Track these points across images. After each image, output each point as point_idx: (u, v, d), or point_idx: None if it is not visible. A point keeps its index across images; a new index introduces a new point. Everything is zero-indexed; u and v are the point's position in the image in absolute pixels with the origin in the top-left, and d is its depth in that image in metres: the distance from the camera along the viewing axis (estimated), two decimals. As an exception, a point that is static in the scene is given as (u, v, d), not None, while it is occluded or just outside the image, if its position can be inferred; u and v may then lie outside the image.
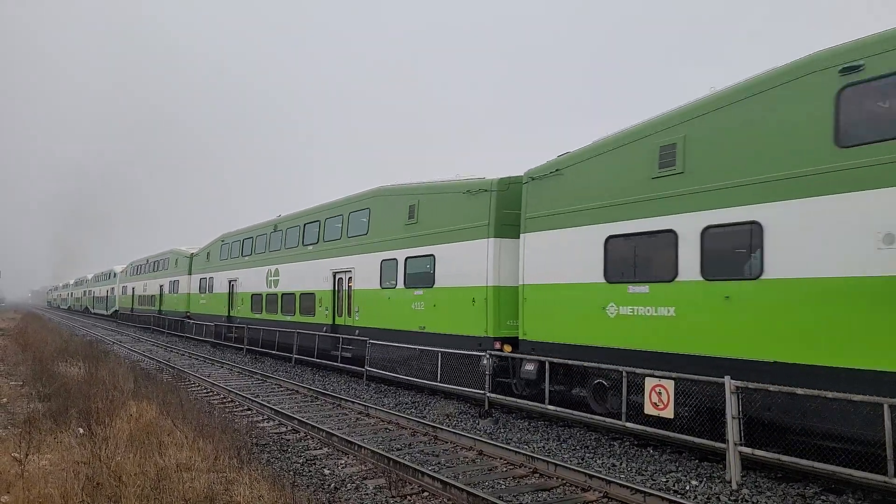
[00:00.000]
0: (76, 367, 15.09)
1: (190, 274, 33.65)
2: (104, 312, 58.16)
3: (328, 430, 10.21)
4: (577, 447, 9.66)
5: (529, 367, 11.42)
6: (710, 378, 8.11)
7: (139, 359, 22.07)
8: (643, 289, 9.73)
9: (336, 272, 18.86)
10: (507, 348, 12.42)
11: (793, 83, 8.17)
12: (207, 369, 20.05)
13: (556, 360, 10.76)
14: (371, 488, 7.54)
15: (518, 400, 11.40)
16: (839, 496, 7.23)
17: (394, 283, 15.96)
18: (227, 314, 27.82)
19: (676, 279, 9.23)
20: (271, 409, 12.41)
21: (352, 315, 18.02)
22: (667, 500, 6.68)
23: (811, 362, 7.62)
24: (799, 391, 7.21)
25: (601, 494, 7.24)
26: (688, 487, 7.58)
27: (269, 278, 23.55)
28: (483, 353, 12.07)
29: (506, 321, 12.65)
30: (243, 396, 14.02)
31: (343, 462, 8.78)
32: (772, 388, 7.49)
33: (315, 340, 19.40)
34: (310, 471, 8.29)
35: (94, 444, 7.40)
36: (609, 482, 7.31)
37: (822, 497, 7.21)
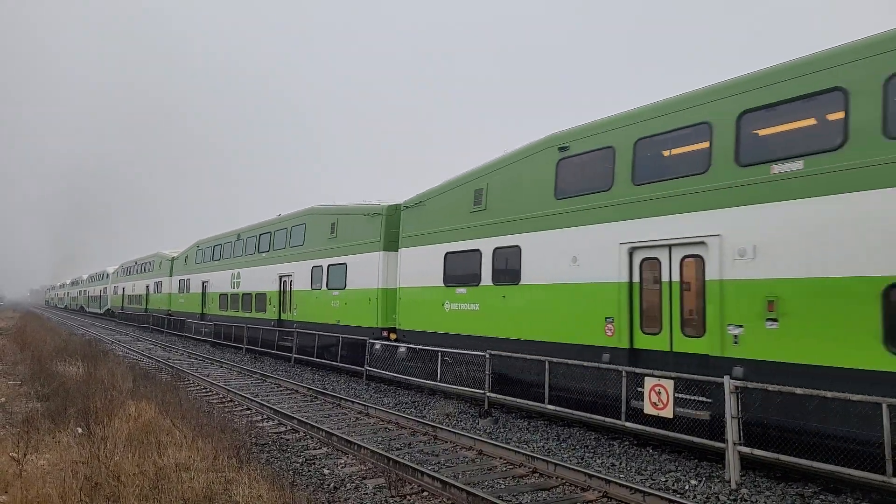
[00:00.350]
0: (75, 367, 15.07)
1: (171, 275, 36.92)
2: (98, 311, 60.70)
3: (327, 429, 10.20)
4: (577, 447, 9.67)
5: (402, 349, 15.17)
6: (710, 378, 8.13)
7: (138, 358, 22.04)
8: (463, 290, 13.74)
9: (281, 276, 22.50)
10: (393, 336, 16.22)
11: (537, 154, 12.13)
12: (207, 369, 20.04)
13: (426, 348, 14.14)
14: (370, 488, 7.53)
15: (517, 399, 11.41)
16: (838, 496, 7.23)
17: (320, 285, 19.79)
18: (200, 312, 31.16)
19: (480, 284, 13.26)
20: (271, 408, 12.40)
21: (291, 311, 21.72)
22: (666, 499, 6.69)
23: (541, 339, 11.58)
24: (798, 391, 7.24)
25: (601, 494, 7.25)
26: (687, 487, 7.58)
27: (233, 280, 27.12)
28: (371, 339, 16.00)
29: (391, 315, 16.50)
30: (242, 396, 14.00)
31: (342, 462, 8.77)
32: (771, 387, 7.50)
33: (267, 333, 23.06)
34: (309, 470, 8.29)
35: (93, 443, 7.40)
36: (608, 482, 7.31)
37: (821, 496, 7.22)
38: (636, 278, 10.03)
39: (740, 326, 8.52)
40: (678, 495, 7.15)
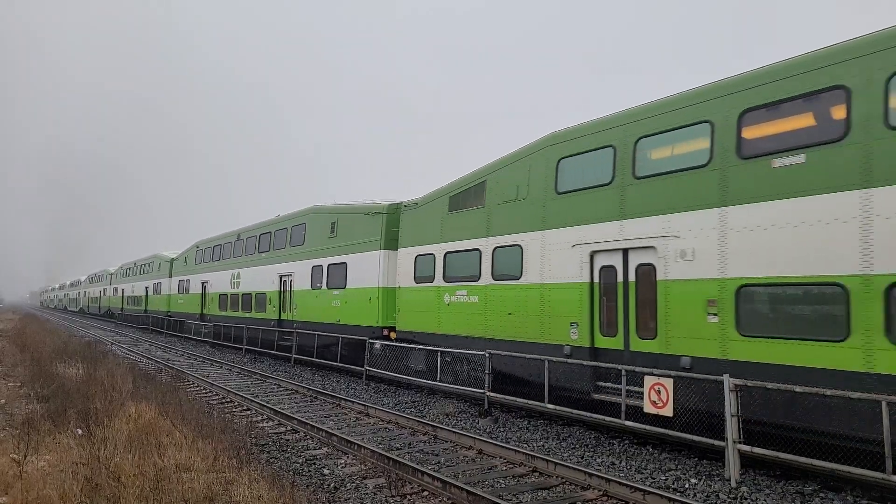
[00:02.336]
0: (75, 368, 15.06)
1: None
2: (97, 312, 61.92)
3: (328, 429, 10.21)
4: (577, 446, 9.67)
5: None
6: (710, 377, 8.15)
7: (138, 359, 22.03)
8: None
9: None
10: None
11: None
12: (206, 369, 20.03)
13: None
14: (371, 488, 7.53)
15: (517, 399, 11.42)
16: (838, 493, 7.25)
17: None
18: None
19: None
20: (271, 409, 12.40)
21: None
22: (666, 498, 6.69)
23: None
24: (798, 389, 7.25)
25: (601, 493, 7.25)
26: (687, 485, 7.59)
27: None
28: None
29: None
30: (242, 396, 14.00)
31: (343, 462, 8.78)
32: (770, 385, 7.52)
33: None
34: (309, 470, 8.29)
35: (93, 444, 7.39)
36: (608, 480, 7.31)
37: (821, 494, 7.23)
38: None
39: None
40: (678, 494, 7.15)
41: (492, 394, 11.94)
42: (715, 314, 8.80)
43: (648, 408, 8.80)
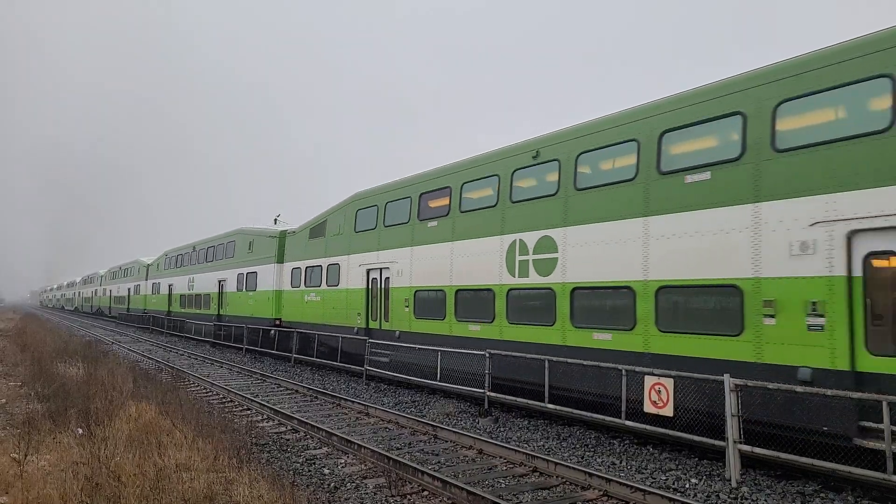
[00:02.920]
0: (75, 368, 15.07)
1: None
2: (90, 310, 69.13)
3: (328, 429, 10.21)
4: (577, 446, 9.67)
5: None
6: (711, 377, 8.15)
7: (138, 359, 22.04)
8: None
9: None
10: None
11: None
12: (206, 369, 20.04)
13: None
14: (371, 487, 7.53)
15: (517, 398, 11.42)
16: (839, 493, 7.24)
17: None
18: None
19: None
20: (271, 408, 12.40)
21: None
22: (667, 498, 6.69)
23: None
24: (798, 389, 7.26)
25: (601, 493, 7.25)
26: (687, 485, 7.59)
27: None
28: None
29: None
30: (242, 396, 14.00)
31: (343, 461, 8.78)
32: (770, 385, 7.51)
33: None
34: (309, 470, 8.29)
35: (94, 444, 7.40)
36: (609, 480, 7.31)
37: (822, 494, 7.22)
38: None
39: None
40: (679, 494, 7.15)
41: (492, 394, 11.94)
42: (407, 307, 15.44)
43: (649, 408, 8.80)
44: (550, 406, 10.54)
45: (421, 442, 9.95)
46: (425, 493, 7.34)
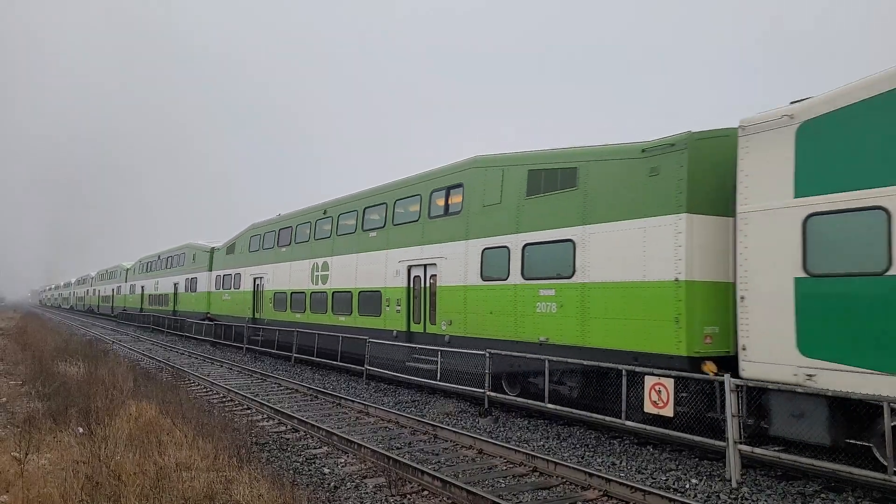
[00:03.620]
0: (76, 367, 15.07)
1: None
2: (82, 308, 77.03)
3: (328, 428, 10.21)
4: (577, 445, 9.67)
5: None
6: (712, 376, 8.15)
7: (139, 358, 22.07)
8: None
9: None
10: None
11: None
12: (207, 368, 20.06)
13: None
14: (371, 487, 7.53)
15: (517, 398, 11.42)
16: (839, 494, 7.23)
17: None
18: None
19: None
20: (271, 408, 12.41)
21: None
22: (666, 498, 6.68)
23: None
24: (799, 389, 7.25)
25: (601, 493, 7.24)
26: (688, 486, 7.58)
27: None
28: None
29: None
30: (243, 395, 14.02)
31: (343, 461, 8.78)
32: (771, 385, 7.51)
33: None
34: (309, 469, 8.29)
35: (94, 443, 7.40)
36: (609, 480, 7.30)
37: (822, 495, 7.21)
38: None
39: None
40: (679, 494, 7.14)
41: (492, 393, 11.94)
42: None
43: (649, 408, 8.80)
44: (550, 406, 10.53)
45: (421, 441, 9.95)
46: (425, 492, 7.34)
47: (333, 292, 19.24)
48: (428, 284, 14.89)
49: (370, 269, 17.26)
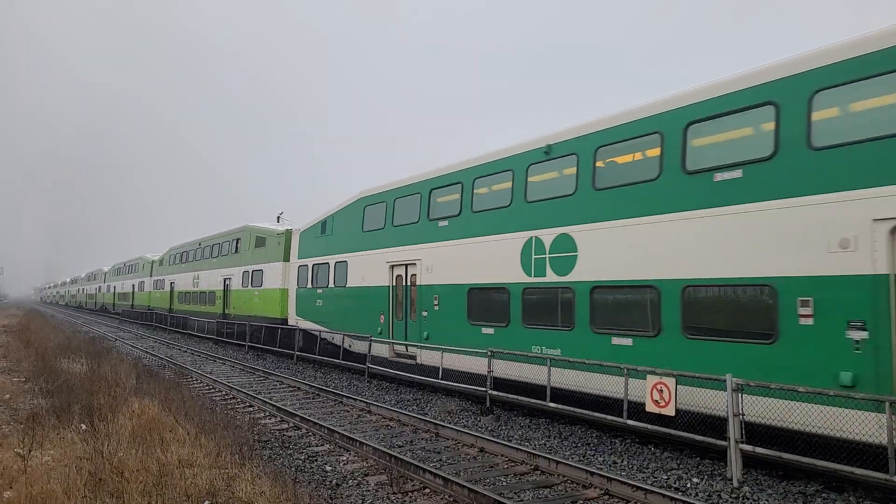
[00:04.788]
0: (79, 364, 15.13)
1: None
2: (74, 305, 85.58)
3: (330, 426, 10.23)
4: (579, 444, 9.67)
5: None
6: (712, 376, 8.14)
7: (141, 355, 22.12)
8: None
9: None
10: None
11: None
12: (209, 366, 20.10)
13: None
14: (372, 485, 7.55)
15: (519, 397, 11.42)
16: (840, 494, 7.23)
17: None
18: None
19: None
20: (273, 405, 12.44)
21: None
22: (668, 497, 6.69)
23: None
24: (800, 388, 7.25)
25: (602, 491, 7.25)
26: (689, 485, 7.59)
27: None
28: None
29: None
30: (245, 393, 14.05)
31: (345, 459, 8.80)
32: (772, 385, 7.51)
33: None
34: (311, 467, 8.32)
35: (97, 440, 7.44)
36: (610, 479, 7.31)
37: (824, 495, 7.21)
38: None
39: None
40: (680, 493, 7.14)
41: (494, 392, 11.95)
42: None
43: (651, 407, 8.80)
44: (552, 405, 10.54)
45: (423, 440, 9.97)
46: (427, 490, 7.36)
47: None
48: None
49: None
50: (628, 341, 9.88)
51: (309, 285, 20.77)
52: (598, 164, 10.76)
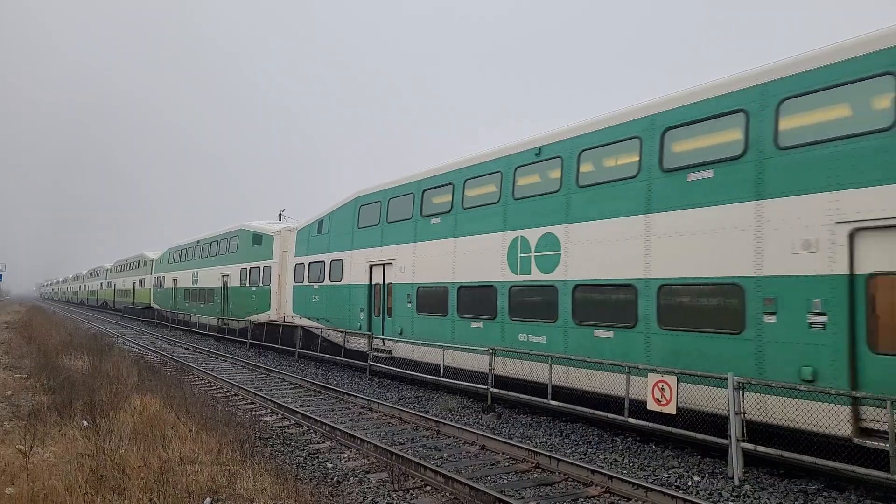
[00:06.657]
0: (80, 360, 15.16)
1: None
2: (75, 301, 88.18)
3: (331, 423, 10.24)
4: (580, 442, 9.68)
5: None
6: (712, 374, 8.14)
7: (143, 352, 22.15)
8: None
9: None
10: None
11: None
12: (211, 363, 20.13)
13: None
14: (374, 482, 7.56)
15: (520, 395, 11.43)
16: (841, 493, 7.22)
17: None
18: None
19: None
20: (274, 402, 12.45)
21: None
22: (669, 495, 6.69)
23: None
24: (802, 388, 7.25)
25: (603, 489, 7.25)
26: (690, 483, 7.58)
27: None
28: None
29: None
30: (246, 390, 14.06)
31: (346, 456, 8.81)
32: (774, 384, 7.50)
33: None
34: (313, 464, 8.32)
35: (99, 436, 7.44)
36: (611, 477, 7.31)
37: (825, 493, 7.20)
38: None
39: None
40: (681, 491, 7.14)
41: (495, 390, 11.96)
42: None
43: (652, 405, 8.80)
44: (553, 402, 10.55)
45: (424, 437, 9.98)
46: (428, 488, 7.37)
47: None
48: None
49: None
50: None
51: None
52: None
